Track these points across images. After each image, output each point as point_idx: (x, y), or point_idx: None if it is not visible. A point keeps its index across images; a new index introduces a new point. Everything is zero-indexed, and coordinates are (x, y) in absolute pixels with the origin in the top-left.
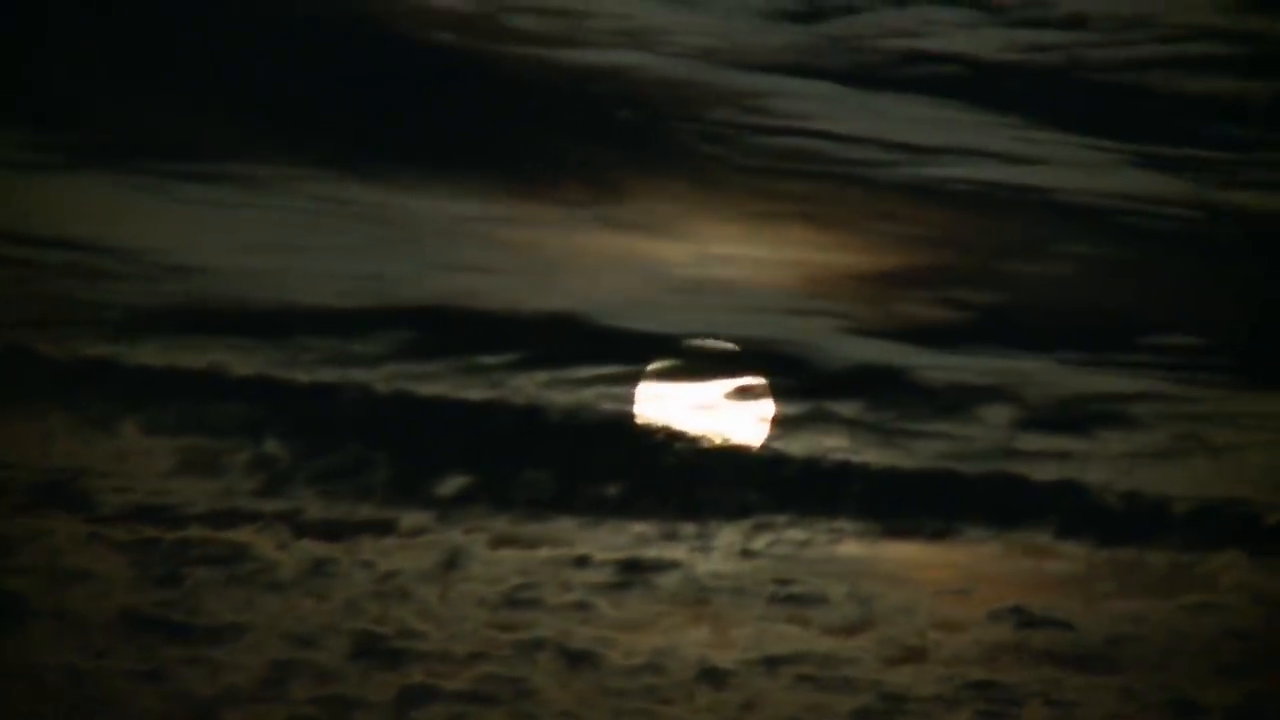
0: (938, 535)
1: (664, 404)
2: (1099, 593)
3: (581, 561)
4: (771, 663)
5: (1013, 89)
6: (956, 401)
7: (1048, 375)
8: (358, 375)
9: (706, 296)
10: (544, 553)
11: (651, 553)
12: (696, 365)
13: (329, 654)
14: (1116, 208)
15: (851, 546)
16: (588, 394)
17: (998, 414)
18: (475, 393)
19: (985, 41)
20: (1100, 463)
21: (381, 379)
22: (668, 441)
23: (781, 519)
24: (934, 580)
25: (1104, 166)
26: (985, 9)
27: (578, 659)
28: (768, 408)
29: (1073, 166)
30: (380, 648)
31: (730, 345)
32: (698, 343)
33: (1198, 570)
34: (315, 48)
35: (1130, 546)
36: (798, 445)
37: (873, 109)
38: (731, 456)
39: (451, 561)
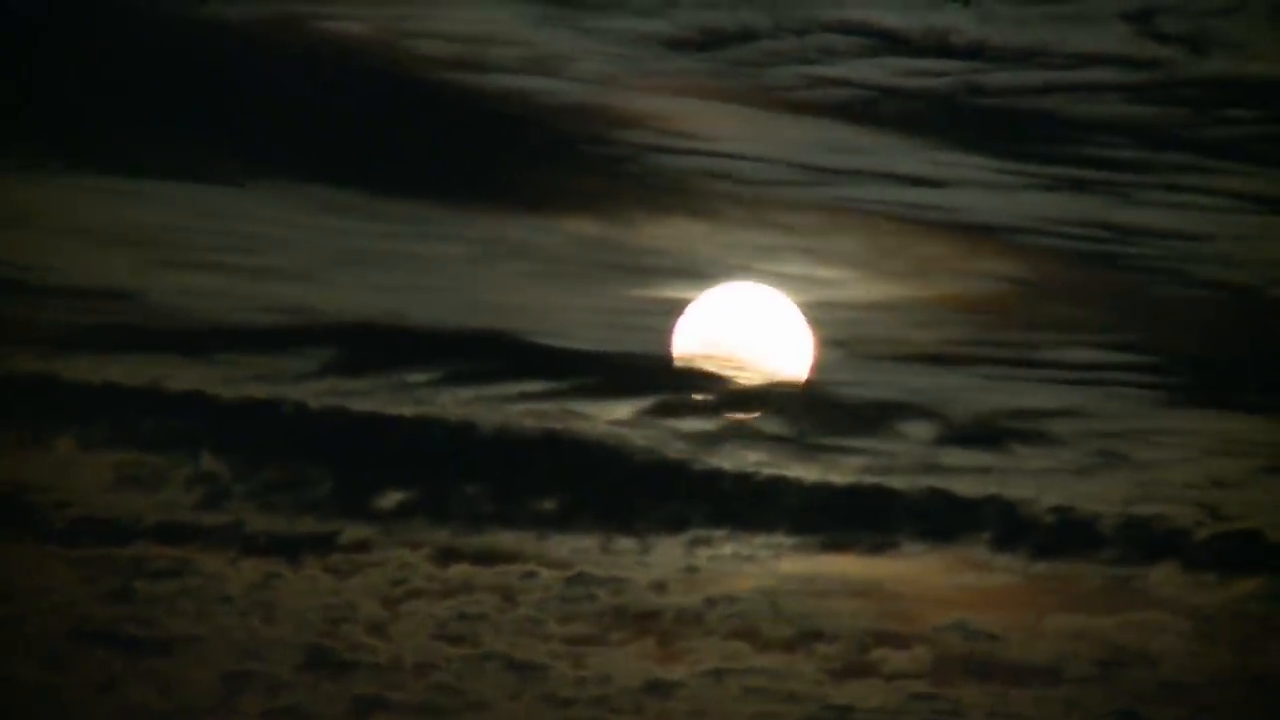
0: (876, 549)
1: (591, 420)
2: (1038, 606)
3: (525, 576)
4: (718, 675)
5: (915, 113)
6: (877, 417)
7: (965, 392)
8: (290, 392)
9: (628, 315)
10: (487, 567)
11: (593, 567)
12: (621, 382)
13: (279, 666)
14: (1022, 227)
15: (791, 560)
16: (518, 409)
17: (918, 430)
18: (407, 409)
19: (885, 68)
20: (1023, 478)
21: (313, 395)
22: (599, 456)
23: (719, 533)
24: (875, 593)
25: (1009, 188)
26: (889, 36)
27: (526, 671)
28: (692, 423)
29: (978, 187)
30: (330, 660)
31: (653, 361)
32: (622, 360)
33: (1135, 584)
34: (237, 76)
35: (1064, 560)
36: (725, 460)
37: (776, 132)
38: (663, 471)
39: (396, 575)
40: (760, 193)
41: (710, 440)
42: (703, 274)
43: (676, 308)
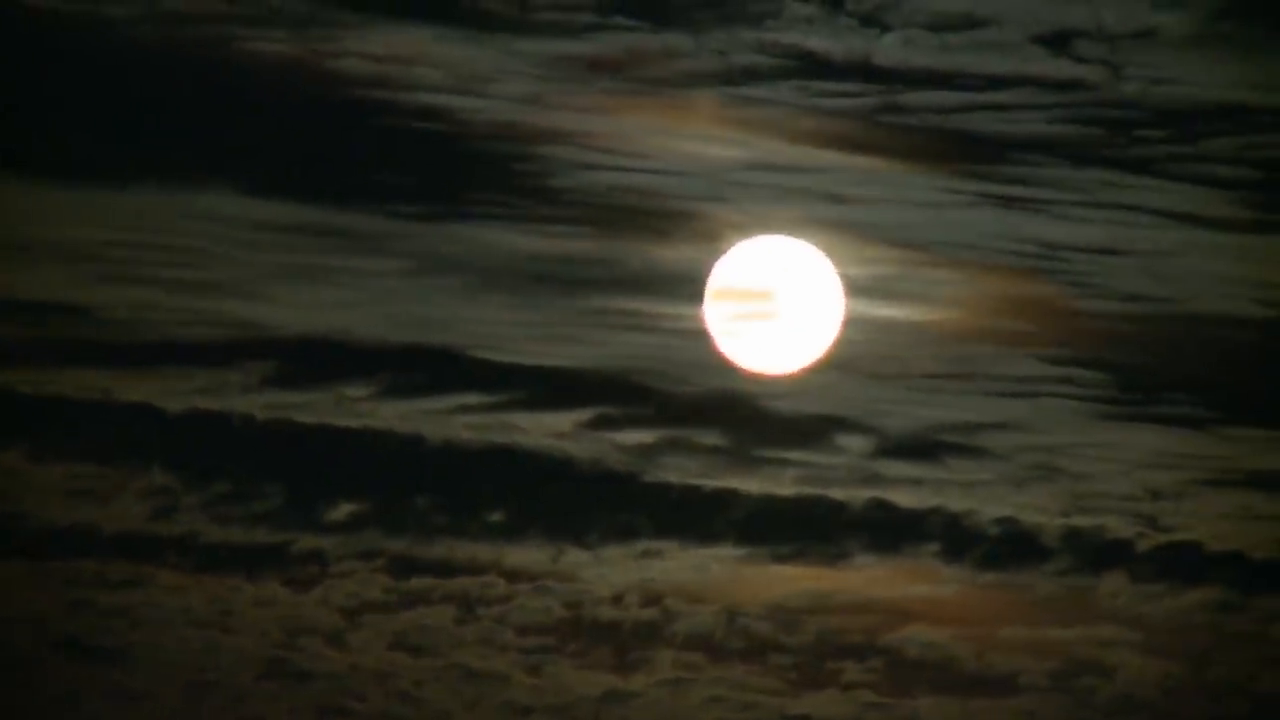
0: (827, 560)
1: (529, 433)
2: (990, 616)
3: (480, 587)
4: (676, 685)
5: (838, 132)
6: (812, 430)
7: (897, 405)
8: (236, 404)
9: (564, 328)
10: (442, 578)
11: (547, 578)
12: (558, 395)
13: (239, 677)
14: (950, 241)
15: (743, 571)
16: (459, 422)
17: (854, 442)
18: (353, 421)
19: (808, 89)
20: (960, 490)
21: (257, 409)
22: (545, 469)
23: (669, 544)
24: (828, 604)
25: (935, 205)
26: (812, 58)
27: (484, 680)
28: (630, 435)
29: (903, 204)
30: (289, 670)
31: (590, 375)
32: (559, 373)
33: (1084, 595)
34: (167, 93)
35: (1012, 571)
36: (668, 472)
37: (701, 149)
38: (608, 483)
39: (352, 586)
40: (686, 207)
41: (649, 452)
42: (636, 288)
43: (611, 321)
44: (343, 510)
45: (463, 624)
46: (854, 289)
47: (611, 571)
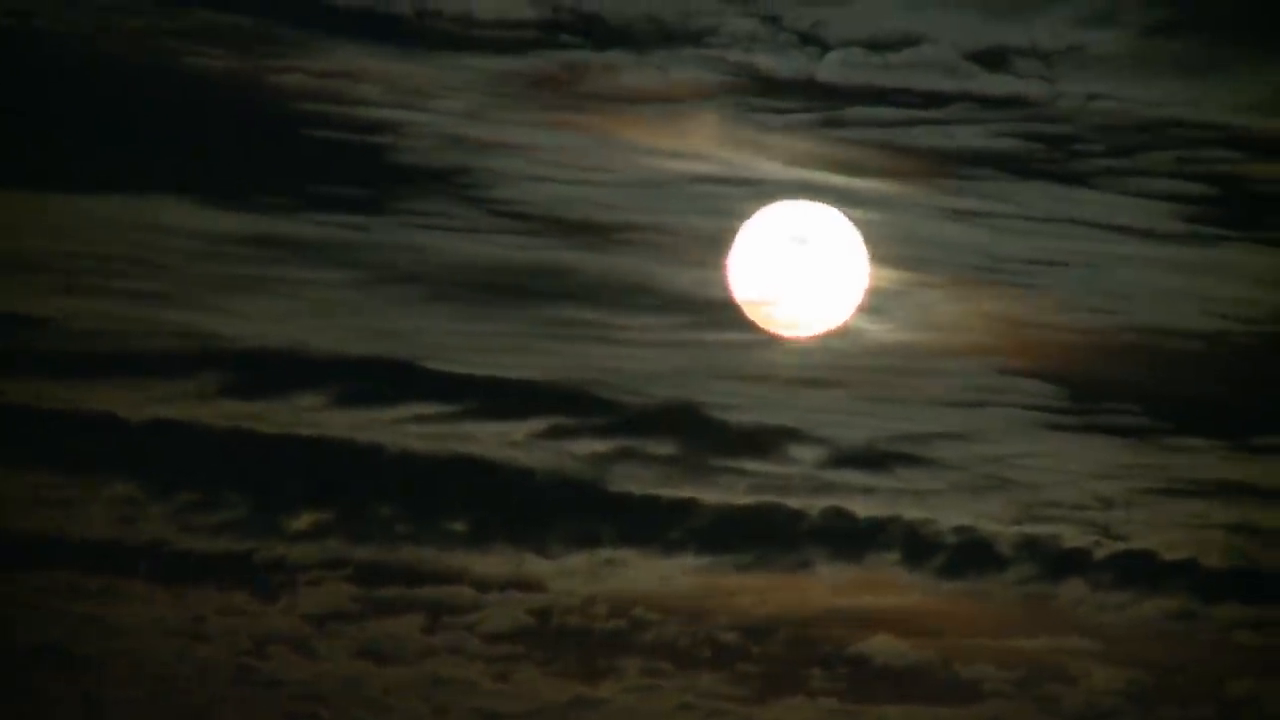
0: (789, 568)
1: (483, 443)
2: (953, 624)
3: (445, 595)
4: (643, 692)
5: (776, 146)
6: (764, 440)
7: (845, 415)
8: (195, 413)
9: (517, 339)
10: (407, 586)
11: (512, 586)
12: (513, 405)
13: (208, 685)
14: (895, 254)
15: (706, 579)
16: (413, 432)
17: (806, 452)
18: (312, 431)
19: (750, 105)
20: (912, 499)
21: (215, 418)
22: (506, 478)
23: (631, 552)
24: (793, 612)
25: (880, 218)
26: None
27: (451, 687)
28: (584, 445)
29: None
30: (257, 678)
31: (543, 385)
32: (512, 384)
33: (1045, 602)
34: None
35: (973, 579)
36: (624, 482)
37: (642, 162)
38: (568, 492)
39: (318, 595)
40: (632, 219)
41: (604, 461)
42: (585, 299)
43: (561, 331)
44: (306, 519)
45: (430, 632)
46: (796, 300)
47: (576, 580)
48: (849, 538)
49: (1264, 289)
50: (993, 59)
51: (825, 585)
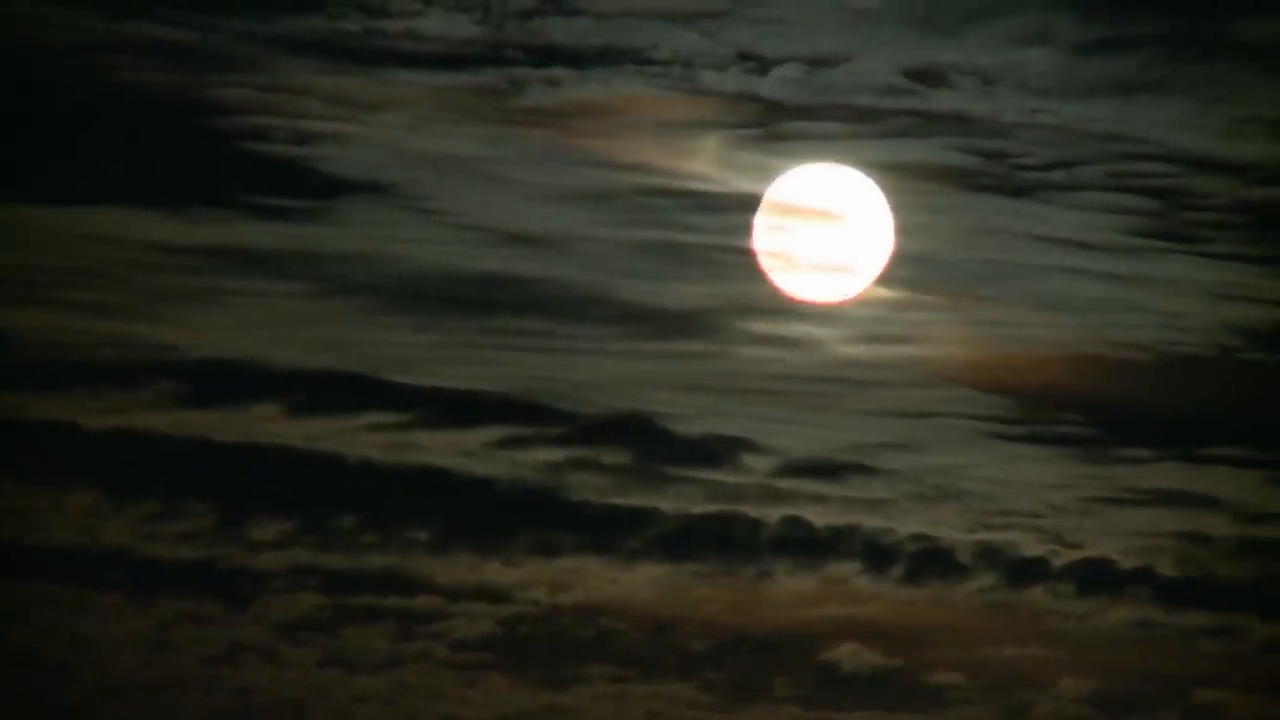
0: (753, 576)
1: (436, 452)
2: (917, 630)
3: (411, 603)
4: (611, 699)
5: (719, 160)
6: (716, 449)
7: (790, 425)
8: (151, 423)
9: (469, 350)
10: (372, 595)
11: (476, 594)
12: (465, 415)
13: (176, 694)
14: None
15: (669, 587)
16: (374, 441)
17: (757, 462)
18: (270, 439)
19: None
20: (867, 508)
21: (170, 428)
22: (466, 488)
23: (593, 561)
24: (758, 620)
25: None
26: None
27: (419, 695)
28: (538, 454)
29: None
30: (225, 687)
31: (496, 396)
32: (464, 395)
33: (1010, 609)
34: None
35: (935, 586)
36: (585, 492)
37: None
38: (527, 501)
39: (284, 603)
40: (580, 231)
41: (559, 471)
42: (535, 309)
43: (513, 342)
44: (270, 528)
45: (397, 640)
46: (744, 311)
47: (541, 588)
48: (809, 546)
49: (1206, 301)
50: (931, 76)
51: (788, 593)
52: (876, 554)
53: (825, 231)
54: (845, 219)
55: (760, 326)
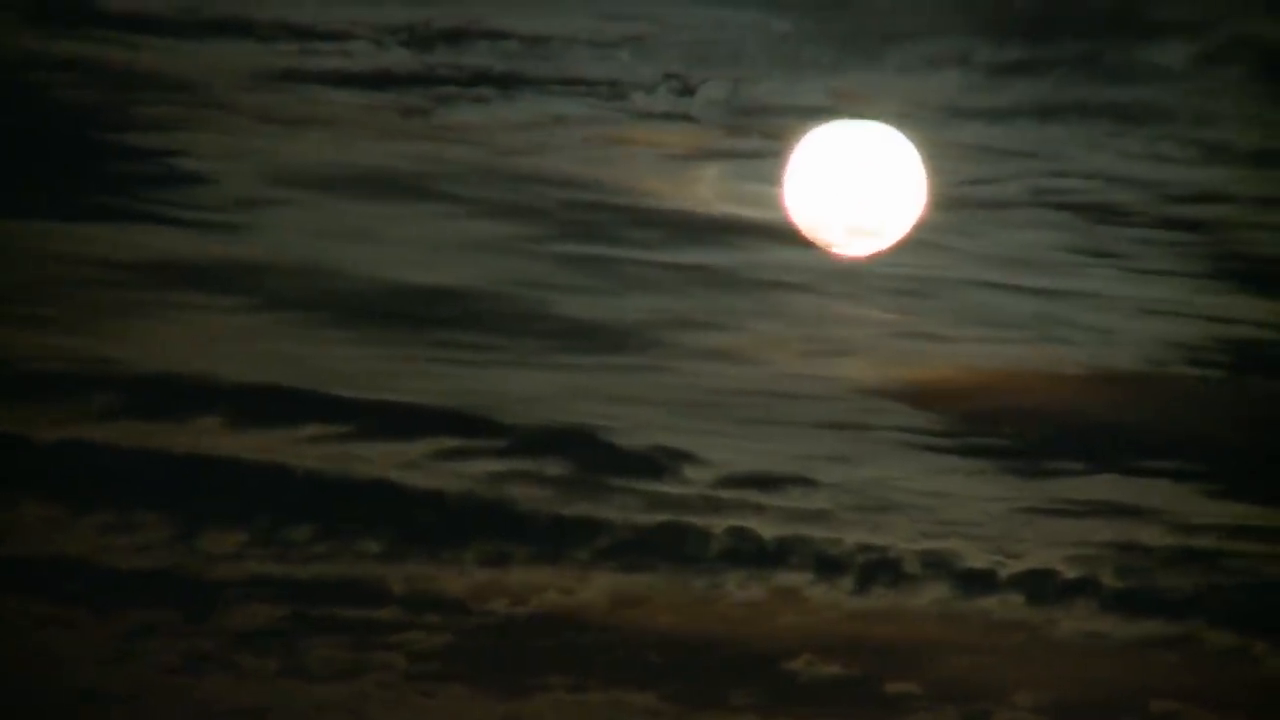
0: (704, 587)
1: (374, 463)
2: (874, 638)
3: (367, 614)
4: (572, 709)
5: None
6: (654, 460)
7: (721, 438)
8: (97, 435)
9: (405, 362)
10: (329, 607)
11: (431, 606)
12: (402, 426)
13: (135, 706)
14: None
15: (623, 597)
16: (317, 453)
17: (696, 472)
18: (219, 450)
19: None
20: (809, 519)
21: (113, 439)
22: (413, 499)
23: (545, 571)
24: (711, 631)
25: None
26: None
27: (378, 707)
28: (477, 465)
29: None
30: (185, 698)
31: (431, 409)
32: (402, 407)
33: (965, 619)
34: None
35: (887, 596)
36: (532, 502)
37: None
38: (473, 511)
39: (243, 615)
40: (505, 245)
41: (499, 481)
42: (475, 323)
43: (455, 356)
44: (225, 539)
45: (356, 650)
46: (678, 322)
47: (496, 598)
48: (759, 557)
49: (1134, 316)
50: (854, 96)
51: (741, 603)
52: (826, 564)
53: (762, 248)
54: (779, 236)
55: (697, 340)
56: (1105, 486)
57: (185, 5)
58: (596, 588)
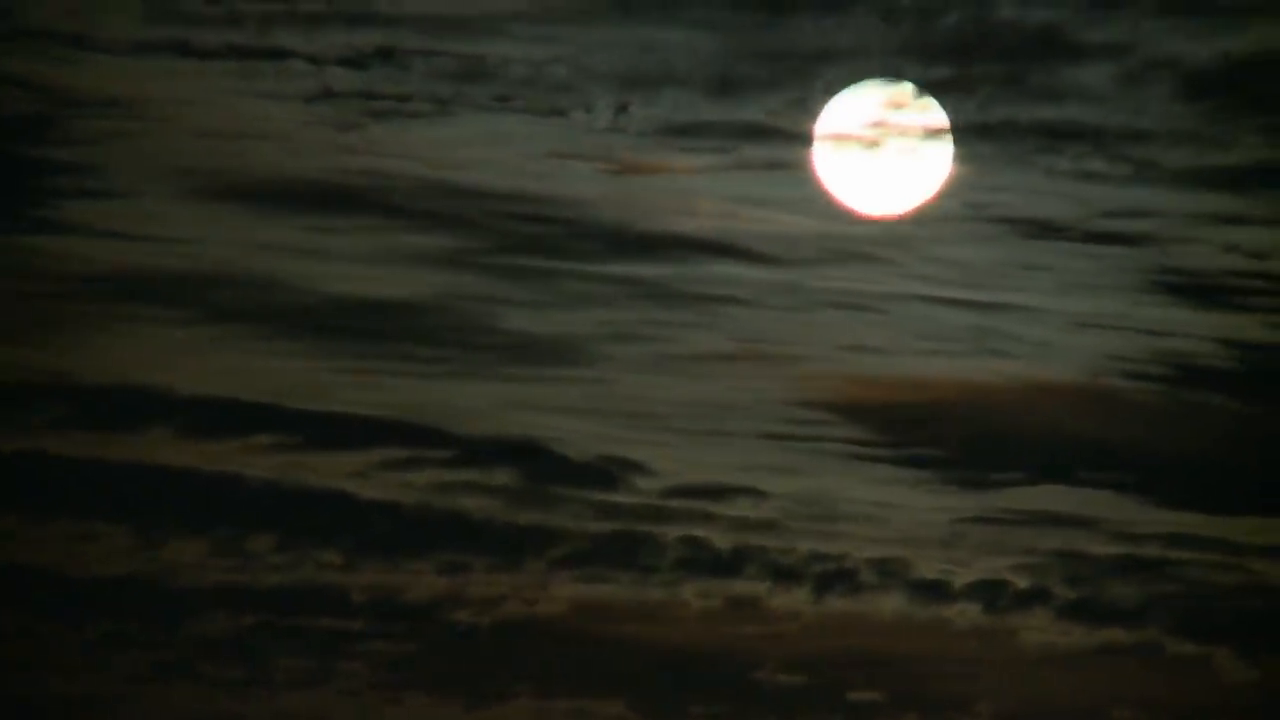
0: (662, 596)
1: (321, 473)
2: (832, 645)
3: (329, 624)
4: (540, 715)
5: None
6: (604, 471)
7: (665, 449)
8: (48, 445)
9: (347, 375)
10: (291, 617)
11: (391, 615)
12: (348, 437)
13: (100, 716)
14: (708, 295)
15: (580, 606)
16: (274, 463)
17: (643, 482)
18: (172, 461)
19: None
20: (759, 529)
21: (63, 448)
22: (367, 510)
23: (500, 579)
24: (673, 639)
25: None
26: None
27: (343, 714)
28: (422, 475)
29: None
30: (148, 709)
31: (375, 420)
32: (346, 418)
33: (927, 627)
34: None
35: (843, 604)
36: (485, 511)
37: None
38: (428, 520)
39: (203, 626)
40: (447, 258)
41: (449, 491)
42: (423, 336)
43: (402, 368)
44: (187, 549)
45: (320, 659)
46: (619, 335)
47: (458, 607)
48: (714, 566)
49: (1070, 330)
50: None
51: (701, 613)
52: (782, 574)
53: (701, 261)
54: (718, 250)
55: (638, 352)
56: (1047, 497)
57: (123, 22)
58: (557, 596)
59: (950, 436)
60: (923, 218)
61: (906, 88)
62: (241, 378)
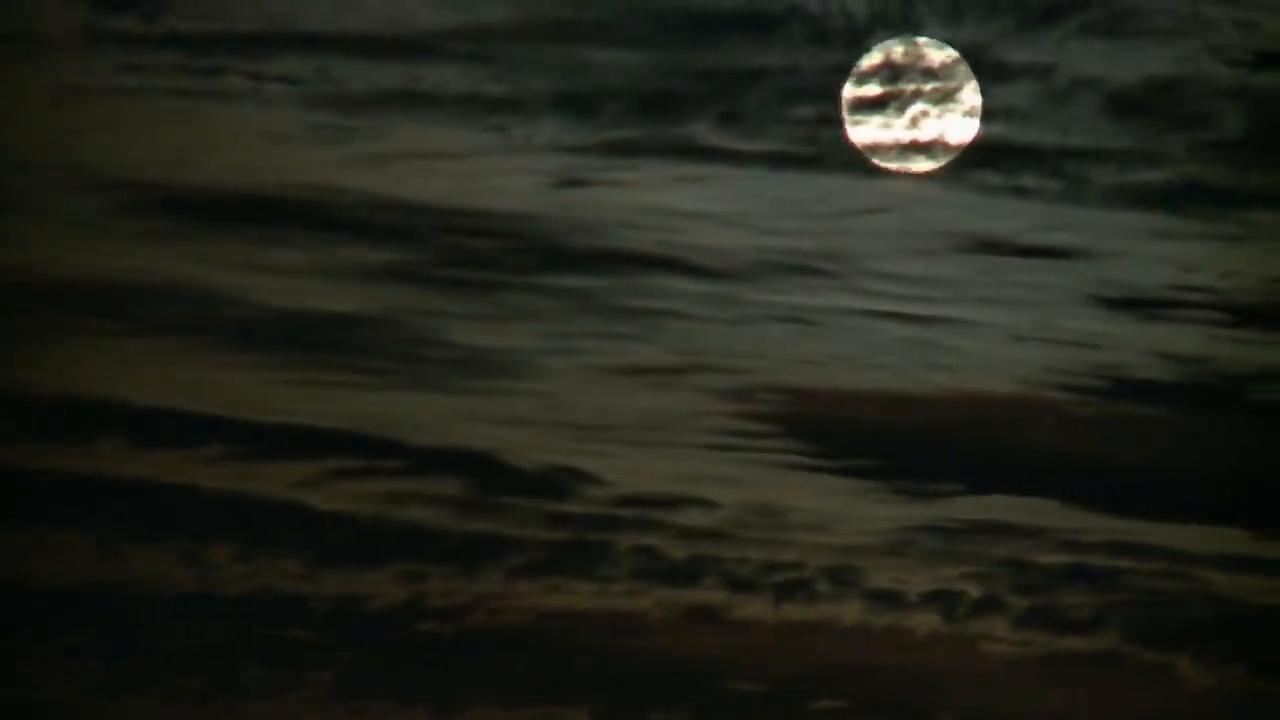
0: (622, 605)
1: (271, 481)
2: (796, 650)
3: (295, 631)
4: None
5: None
6: (553, 481)
7: (614, 459)
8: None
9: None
10: (256, 625)
11: (358, 626)
12: (297, 446)
13: None
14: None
15: (542, 614)
16: (224, 472)
17: (590, 491)
18: (136, 471)
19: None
20: (711, 538)
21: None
22: (326, 519)
23: (465, 589)
24: (639, 647)
25: None
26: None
27: None
28: (373, 484)
29: None
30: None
31: (324, 430)
32: (295, 428)
33: (887, 638)
34: None
35: (802, 613)
36: (437, 520)
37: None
38: (383, 530)
39: (167, 635)
40: (391, 271)
41: (398, 501)
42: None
43: (350, 380)
44: (149, 558)
45: (284, 669)
46: (560, 348)
47: (420, 616)
48: (671, 575)
49: (1007, 343)
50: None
51: (662, 622)
52: (740, 583)
53: (640, 274)
54: (658, 263)
55: (580, 364)
56: (991, 506)
57: (70, 25)
58: (519, 605)
59: (892, 448)
60: (860, 231)
61: (839, 105)
62: (191, 389)
